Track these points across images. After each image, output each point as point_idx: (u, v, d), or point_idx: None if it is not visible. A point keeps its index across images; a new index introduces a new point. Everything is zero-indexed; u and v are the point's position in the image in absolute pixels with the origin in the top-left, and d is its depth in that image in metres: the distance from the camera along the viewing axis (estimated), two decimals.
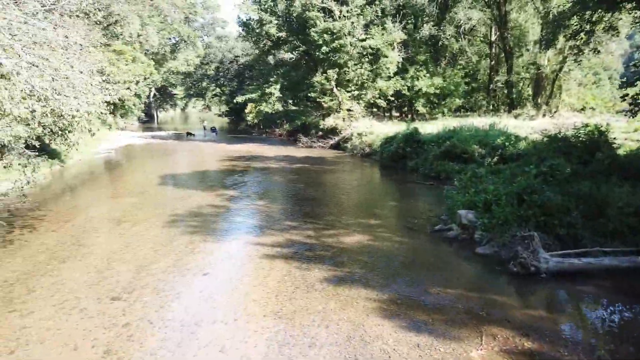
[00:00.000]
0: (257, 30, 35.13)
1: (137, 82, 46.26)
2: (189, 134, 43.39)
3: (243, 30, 38.79)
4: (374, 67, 32.03)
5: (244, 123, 48.74)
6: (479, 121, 25.28)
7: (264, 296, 7.77)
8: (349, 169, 22.54)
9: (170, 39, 60.01)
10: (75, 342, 6.39)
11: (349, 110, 32.14)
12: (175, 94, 79.53)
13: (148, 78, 47.78)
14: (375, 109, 38.01)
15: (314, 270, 8.86)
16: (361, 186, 18.77)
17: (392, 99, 35.52)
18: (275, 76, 38.10)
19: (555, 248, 9.01)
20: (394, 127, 27.44)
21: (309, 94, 33.16)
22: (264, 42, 36.69)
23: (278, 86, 37.78)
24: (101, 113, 9.68)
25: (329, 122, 31.87)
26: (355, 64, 31.54)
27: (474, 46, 40.27)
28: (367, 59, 31.89)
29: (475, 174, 13.24)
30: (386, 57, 31.59)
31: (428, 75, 34.22)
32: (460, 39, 37.52)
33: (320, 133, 32.78)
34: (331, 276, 8.56)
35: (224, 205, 14.63)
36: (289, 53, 34.98)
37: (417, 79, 33.79)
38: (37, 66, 8.44)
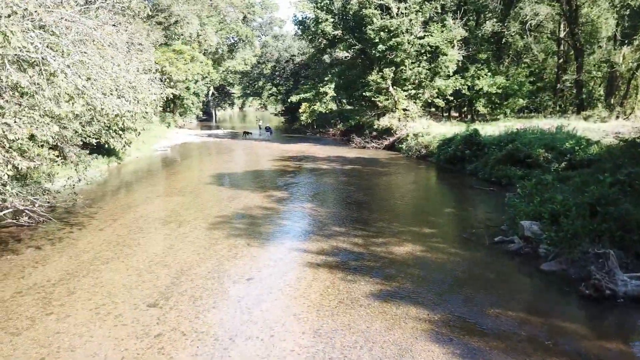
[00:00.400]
0: (313, 29, 34.75)
1: (197, 81, 47.34)
2: (245, 132, 43.67)
3: (299, 28, 38.65)
4: (432, 65, 30.85)
5: (298, 122, 48.68)
6: (545, 123, 23.77)
7: (304, 310, 7.26)
8: (403, 172, 21.69)
9: (228, 38, 60.87)
10: (106, 352, 6.12)
11: (404, 110, 31.13)
12: (232, 93, 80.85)
13: (207, 77, 48.68)
14: (432, 109, 36.75)
15: (360, 282, 8.26)
16: (415, 190, 17.92)
17: (451, 98, 34.17)
18: (330, 75, 37.61)
19: (635, 269, 7.99)
20: (452, 128, 26.35)
21: (363, 93, 32.37)
22: (320, 40, 36.34)
23: (333, 85, 37.28)
24: (145, 112, 9.53)
25: (384, 122, 30.96)
26: (412, 63, 30.50)
27: (540, 43, 38.12)
28: (425, 57, 30.77)
29: (541, 181, 12.29)
30: (445, 55, 30.35)
31: (490, 74, 32.66)
32: (525, 36, 35.61)
33: (374, 133, 32.00)
34: (378, 290, 7.93)
35: (272, 207, 14.27)
36: (345, 51, 34.36)
37: (478, 78, 32.31)
38: (85, 64, 8.33)
